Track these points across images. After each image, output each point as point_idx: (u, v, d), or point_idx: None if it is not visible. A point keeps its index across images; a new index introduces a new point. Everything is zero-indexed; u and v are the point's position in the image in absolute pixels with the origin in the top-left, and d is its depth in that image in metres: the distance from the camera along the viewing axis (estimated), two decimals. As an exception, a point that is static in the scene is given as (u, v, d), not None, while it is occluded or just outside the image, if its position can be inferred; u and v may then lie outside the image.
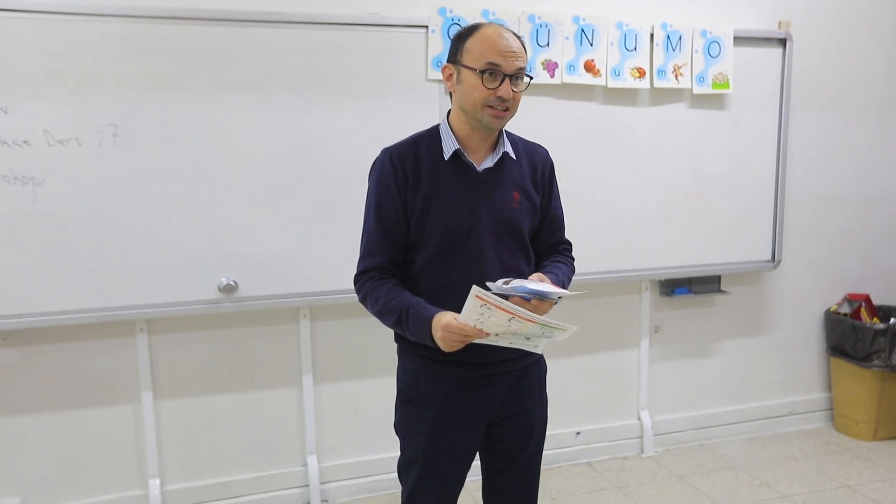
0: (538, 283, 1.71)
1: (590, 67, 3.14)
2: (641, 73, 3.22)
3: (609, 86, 3.18)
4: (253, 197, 2.82)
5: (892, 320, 3.63)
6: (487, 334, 1.64)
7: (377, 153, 1.90)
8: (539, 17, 3.05)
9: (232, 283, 2.82)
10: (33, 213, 2.59)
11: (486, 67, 1.73)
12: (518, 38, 1.80)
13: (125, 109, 2.64)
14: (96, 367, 2.85)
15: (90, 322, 2.71)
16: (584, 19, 3.11)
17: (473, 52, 1.75)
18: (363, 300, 1.85)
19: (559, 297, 1.69)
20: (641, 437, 3.63)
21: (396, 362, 1.96)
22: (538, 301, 1.67)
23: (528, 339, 1.70)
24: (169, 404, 2.96)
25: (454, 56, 1.81)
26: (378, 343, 3.14)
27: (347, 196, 2.87)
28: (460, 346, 1.66)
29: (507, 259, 1.86)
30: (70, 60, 2.56)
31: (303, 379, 3.09)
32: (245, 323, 3.00)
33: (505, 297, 1.64)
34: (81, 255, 2.66)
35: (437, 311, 1.71)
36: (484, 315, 1.57)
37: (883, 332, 3.56)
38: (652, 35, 3.22)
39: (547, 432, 2.05)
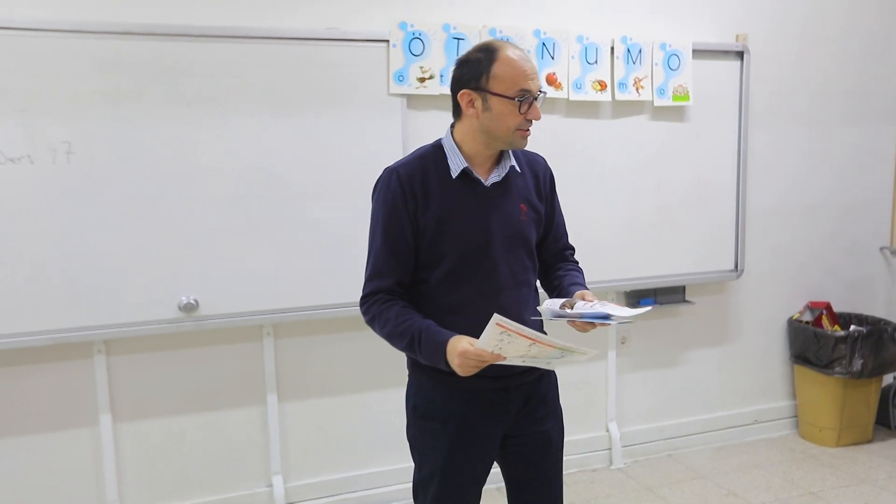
0: (608, 304, 1.69)
1: (551, 81, 3.15)
2: (603, 86, 3.25)
3: (571, 99, 3.20)
4: (213, 214, 2.77)
5: (853, 327, 3.69)
6: (505, 358, 1.63)
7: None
8: (500, 31, 3.05)
9: (192, 301, 2.77)
10: (-16, 233, 2.53)
11: (519, 95, 1.74)
12: None
13: (79, 126, 2.59)
14: (52, 390, 2.77)
15: (45, 344, 2.64)
16: (544, 33, 3.13)
17: (504, 79, 1.74)
18: (371, 322, 1.83)
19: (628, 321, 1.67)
20: (610, 448, 3.63)
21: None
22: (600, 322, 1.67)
23: (547, 361, 1.71)
24: (129, 427, 2.89)
25: (476, 82, 1.76)
26: (343, 360, 3.11)
27: (310, 211, 2.85)
28: (477, 370, 1.66)
29: (518, 271, 1.88)
30: (19, 76, 2.50)
31: (267, 397, 3.04)
32: (207, 342, 2.94)
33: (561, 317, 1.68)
34: (35, 275, 2.59)
35: (451, 336, 1.69)
36: (503, 342, 1.57)
37: (844, 340, 3.61)
38: (612, 48, 3.25)
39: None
